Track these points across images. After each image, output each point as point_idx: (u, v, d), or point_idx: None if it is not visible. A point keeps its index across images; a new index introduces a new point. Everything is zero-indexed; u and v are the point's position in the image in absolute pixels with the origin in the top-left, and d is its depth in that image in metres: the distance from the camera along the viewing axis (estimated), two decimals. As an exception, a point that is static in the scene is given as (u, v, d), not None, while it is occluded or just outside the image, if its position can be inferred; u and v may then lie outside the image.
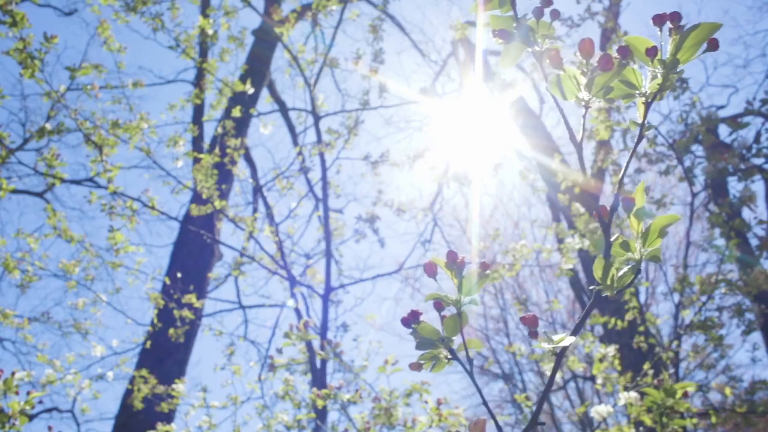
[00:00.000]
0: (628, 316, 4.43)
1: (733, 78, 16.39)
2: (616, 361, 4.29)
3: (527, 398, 3.46)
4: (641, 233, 0.71)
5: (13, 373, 2.26)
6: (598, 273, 0.72)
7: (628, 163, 0.68)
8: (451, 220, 15.26)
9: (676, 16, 0.63)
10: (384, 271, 7.01)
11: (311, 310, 5.28)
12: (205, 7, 6.66)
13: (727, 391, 3.70)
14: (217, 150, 4.34)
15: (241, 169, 9.17)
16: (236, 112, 4.65)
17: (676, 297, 3.34)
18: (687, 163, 2.97)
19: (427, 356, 0.94)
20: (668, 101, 3.03)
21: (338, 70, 8.09)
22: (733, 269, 2.97)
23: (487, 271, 0.86)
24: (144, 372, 5.15)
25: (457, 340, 0.97)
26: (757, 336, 6.29)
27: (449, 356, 0.91)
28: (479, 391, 0.91)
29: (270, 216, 5.19)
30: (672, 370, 3.64)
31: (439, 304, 0.90)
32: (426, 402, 2.23)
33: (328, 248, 4.48)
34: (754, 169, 2.65)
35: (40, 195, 10.61)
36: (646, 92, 0.65)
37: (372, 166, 5.58)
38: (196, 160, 6.06)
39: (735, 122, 2.63)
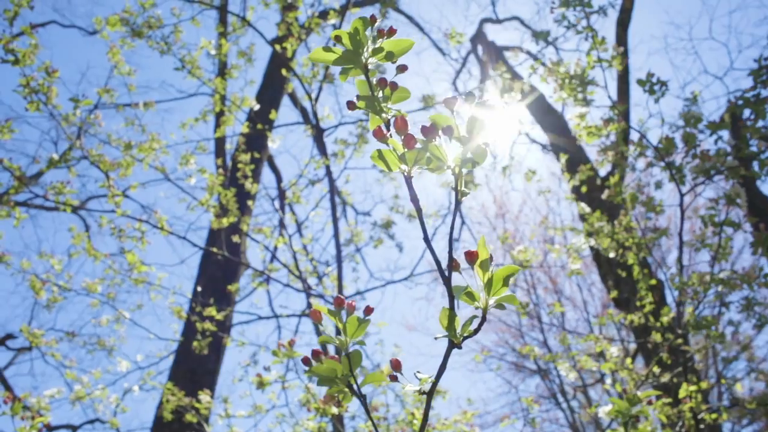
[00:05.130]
0: (640, 313, 4.42)
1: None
2: (628, 360, 4.28)
3: (534, 401, 3.49)
4: (486, 283, 0.76)
5: (19, 399, 2.38)
6: (443, 323, 0.78)
7: (453, 223, 0.73)
8: (480, 217, 15.25)
9: (469, 97, 0.68)
10: (405, 275, 7.05)
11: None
12: (223, 19, 6.79)
13: (738, 386, 3.68)
14: (220, 170, 4.44)
15: (263, 178, 9.30)
16: (245, 128, 4.75)
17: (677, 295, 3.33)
18: (679, 162, 2.97)
19: (335, 390, 1.01)
20: (649, 104, 3.02)
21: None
22: (725, 268, 2.95)
23: (369, 316, 0.92)
24: (169, 385, 5.29)
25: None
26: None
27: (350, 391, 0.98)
28: (370, 416, 0.97)
29: (282, 226, 5.29)
30: (680, 369, 3.63)
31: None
32: (412, 413, 2.28)
33: (339, 258, 4.56)
34: (740, 168, 2.65)
35: (74, 211, 10.91)
36: (451, 165, 0.71)
37: (383, 173, 5.65)
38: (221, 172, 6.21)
39: (714, 123, 2.63)
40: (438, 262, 0.76)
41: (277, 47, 4.50)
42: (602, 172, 7.32)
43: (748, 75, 2.64)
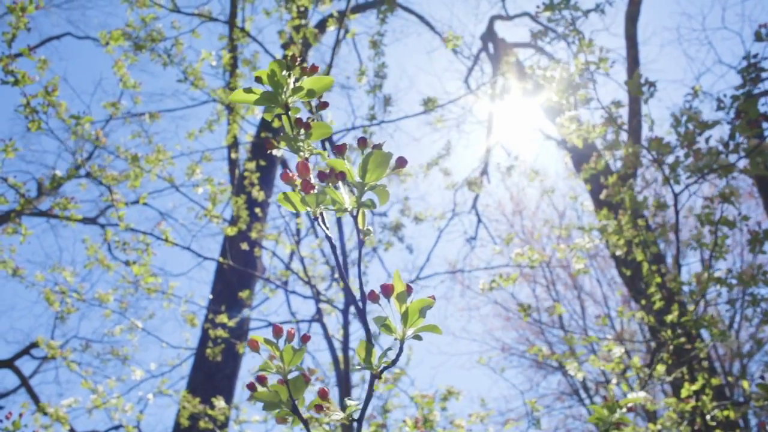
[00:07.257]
0: (644, 312, 4.39)
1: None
2: (635, 359, 4.26)
3: (535, 403, 3.50)
4: (402, 315, 0.78)
5: (20, 415, 2.43)
6: (361, 354, 0.80)
7: (359, 261, 0.75)
8: (497, 215, 15.20)
9: (361, 142, 0.70)
10: (430, 273, 7.03)
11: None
12: (232, 28, 6.85)
13: (745, 384, 3.65)
14: (222, 182, 4.50)
15: (277, 181, 9.35)
16: (248, 137, 4.80)
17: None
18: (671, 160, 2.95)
19: (284, 413, 1.04)
20: (658, 100, 3.01)
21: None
22: (721, 267, 2.94)
23: (305, 344, 0.95)
24: (184, 393, 5.37)
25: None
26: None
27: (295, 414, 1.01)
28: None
29: (297, 232, 5.33)
30: (683, 368, 3.62)
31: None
32: (404, 421, 2.30)
33: (344, 263, 4.59)
34: (732, 167, 2.63)
35: (93, 220, 11.09)
36: (349, 208, 0.73)
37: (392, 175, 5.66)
38: (233, 179, 6.28)
39: (703, 123, 2.61)
40: (353, 296, 0.79)
41: (278, 56, 4.54)
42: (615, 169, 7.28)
43: (737, 72, 2.63)
